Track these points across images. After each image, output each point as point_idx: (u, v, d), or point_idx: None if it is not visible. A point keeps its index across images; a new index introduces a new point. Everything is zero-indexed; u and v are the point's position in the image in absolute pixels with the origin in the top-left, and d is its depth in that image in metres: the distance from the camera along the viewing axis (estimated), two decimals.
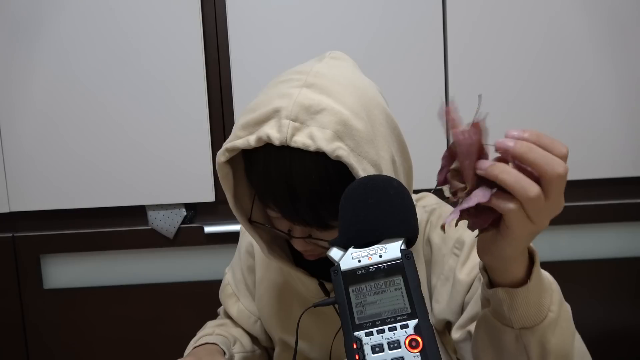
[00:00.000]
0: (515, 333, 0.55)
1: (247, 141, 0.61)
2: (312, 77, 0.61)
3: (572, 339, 0.57)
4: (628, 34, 1.30)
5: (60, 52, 1.31)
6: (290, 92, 0.60)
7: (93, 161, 1.34)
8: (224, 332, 0.87)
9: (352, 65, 0.68)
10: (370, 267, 0.48)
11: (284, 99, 0.59)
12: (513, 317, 0.54)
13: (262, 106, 0.61)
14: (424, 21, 1.30)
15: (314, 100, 0.59)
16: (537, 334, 0.54)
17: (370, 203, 0.50)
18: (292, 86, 0.61)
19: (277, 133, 0.58)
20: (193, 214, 1.41)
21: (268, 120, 0.59)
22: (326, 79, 0.61)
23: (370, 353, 0.44)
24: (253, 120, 0.61)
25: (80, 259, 1.42)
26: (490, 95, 1.32)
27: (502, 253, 0.50)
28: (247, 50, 1.31)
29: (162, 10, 1.30)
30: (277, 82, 0.64)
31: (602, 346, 1.41)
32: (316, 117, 0.58)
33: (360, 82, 0.64)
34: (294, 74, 0.63)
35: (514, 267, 0.53)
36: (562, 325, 0.55)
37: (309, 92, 0.60)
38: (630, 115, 1.33)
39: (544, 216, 0.46)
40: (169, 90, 1.32)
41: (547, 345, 0.54)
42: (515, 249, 0.49)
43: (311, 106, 0.58)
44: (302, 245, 0.66)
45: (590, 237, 1.41)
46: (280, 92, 0.61)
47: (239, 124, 0.63)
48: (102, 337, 1.43)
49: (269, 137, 0.58)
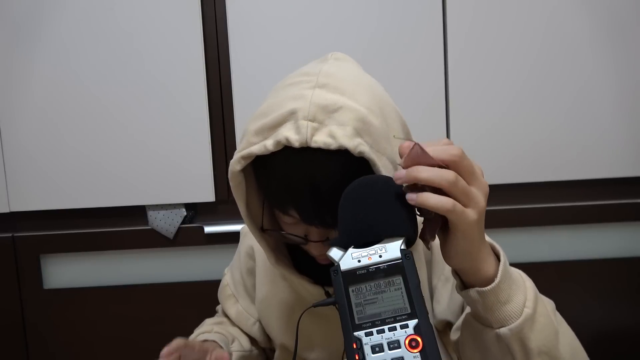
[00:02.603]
0: (495, 333, 0.56)
1: (263, 146, 0.59)
2: (323, 77, 0.61)
3: (553, 335, 0.57)
4: (628, 34, 1.30)
5: (60, 52, 1.31)
6: (303, 93, 0.59)
7: (93, 161, 1.34)
8: (222, 330, 0.87)
9: (357, 66, 0.68)
10: (370, 267, 0.48)
11: (299, 101, 0.59)
12: (490, 317, 0.55)
13: (275, 110, 0.60)
14: (423, 20, 1.30)
15: (330, 99, 0.58)
16: (515, 332, 0.54)
17: (370, 203, 0.50)
18: (304, 87, 0.60)
19: (296, 135, 0.56)
20: (193, 214, 1.41)
21: (284, 123, 0.58)
22: (337, 78, 0.61)
23: (370, 353, 0.44)
24: (267, 124, 0.59)
25: (80, 259, 1.42)
26: (490, 95, 1.32)
27: (460, 249, 0.52)
28: (247, 50, 1.31)
29: (162, 10, 1.30)
30: (285, 86, 0.63)
31: (601, 346, 1.41)
32: (334, 115, 0.57)
33: (368, 81, 0.65)
34: (301, 76, 0.63)
35: (481, 267, 0.54)
36: (540, 321, 0.56)
37: (323, 92, 0.59)
38: (630, 115, 1.33)
39: (472, 197, 0.50)
40: (169, 90, 1.32)
41: (528, 342, 0.55)
42: (469, 241, 0.51)
43: (328, 105, 0.58)
44: (319, 249, 0.65)
45: (590, 237, 1.41)
46: (293, 95, 0.60)
47: (251, 130, 0.61)
48: (102, 337, 1.43)
49: (287, 139, 0.57)
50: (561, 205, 1.37)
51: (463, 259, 0.54)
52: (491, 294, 0.54)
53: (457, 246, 0.52)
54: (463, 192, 0.49)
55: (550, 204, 1.37)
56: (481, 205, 0.51)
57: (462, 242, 0.52)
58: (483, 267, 0.54)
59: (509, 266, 0.57)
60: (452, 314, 0.71)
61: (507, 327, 0.55)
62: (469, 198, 0.49)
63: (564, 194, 1.38)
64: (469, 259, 0.54)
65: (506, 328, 0.55)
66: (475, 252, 0.53)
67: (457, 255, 0.54)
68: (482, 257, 0.54)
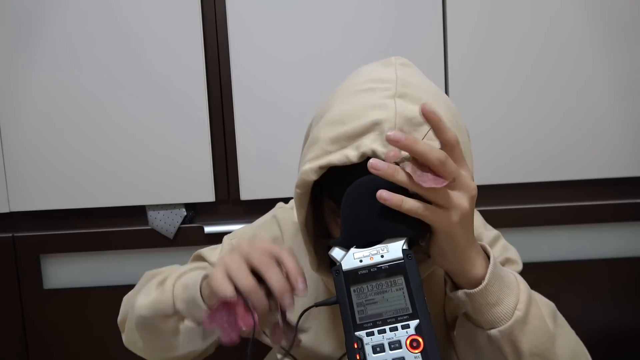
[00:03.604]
0: (486, 334, 0.56)
1: (345, 157, 0.56)
2: (401, 86, 0.59)
3: (547, 337, 0.57)
4: (628, 34, 1.30)
5: (60, 52, 1.31)
6: (384, 102, 0.57)
7: (93, 161, 1.34)
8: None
9: (422, 73, 0.66)
10: (372, 267, 0.48)
11: (382, 111, 0.56)
12: (479, 319, 0.56)
13: (354, 118, 0.57)
14: (423, 21, 1.30)
15: (414, 112, 0.56)
16: (506, 334, 0.55)
17: (372, 203, 0.50)
18: (383, 96, 0.58)
19: (383, 148, 0.54)
20: (193, 214, 1.41)
21: (367, 134, 0.56)
22: (415, 88, 0.59)
23: (371, 353, 0.44)
24: (346, 133, 0.57)
25: (80, 259, 1.42)
26: (490, 95, 1.32)
27: (444, 250, 0.53)
28: (247, 50, 1.31)
29: (162, 10, 1.30)
30: (357, 91, 0.61)
31: (602, 346, 1.41)
32: (419, 129, 0.56)
33: (440, 91, 0.63)
34: (375, 83, 0.60)
35: (469, 268, 0.55)
36: (533, 323, 0.56)
37: (404, 102, 0.57)
38: (630, 115, 1.33)
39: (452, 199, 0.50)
40: (169, 90, 1.32)
41: (519, 345, 0.55)
42: (452, 242, 0.52)
43: (414, 118, 0.56)
44: None
45: (590, 237, 1.41)
46: (371, 103, 0.58)
47: (326, 138, 0.58)
48: (102, 337, 1.42)
49: (374, 152, 0.54)
50: (561, 205, 1.37)
51: (448, 260, 0.54)
52: (479, 296, 0.54)
53: (441, 247, 0.53)
54: (442, 195, 0.49)
55: (550, 204, 1.37)
56: (464, 207, 0.51)
57: (446, 243, 0.52)
58: (471, 269, 0.54)
59: (500, 268, 0.57)
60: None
61: (497, 328, 0.55)
62: (449, 200, 0.50)
63: (564, 194, 1.38)
64: (454, 260, 0.54)
65: (496, 330, 0.55)
66: (460, 254, 0.53)
67: (442, 256, 0.54)
68: (469, 259, 0.54)
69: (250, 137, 1.33)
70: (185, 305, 0.63)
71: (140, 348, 0.77)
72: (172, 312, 0.65)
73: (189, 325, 0.65)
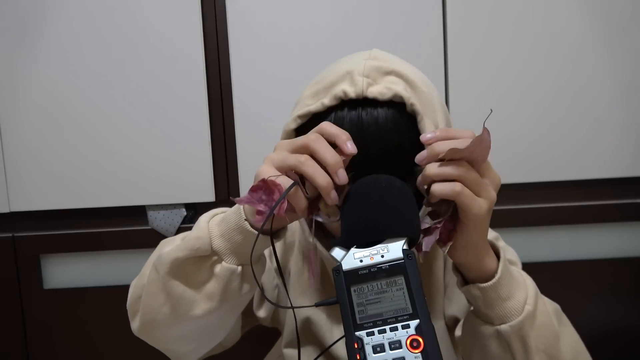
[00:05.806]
0: (495, 329, 0.56)
1: (320, 104, 0.61)
2: (374, 55, 0.67)
3: (552, 333, 0.58)
4: (628, 34, 1.30)
5: (59, 52, 1.31)
6: (357, 60, 0.64)
7: (93, 161, 1.34)
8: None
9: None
10: (372, 267, 0.48)
11: (353, 65, 0.63)
12: (490, 314, 0.56)
13: (330, 75, 0.64)
14: (423, 20, 1.30)
15: (383, 64, 0.63)
16: (516, 329, 0.55)
17: (372, 203, 0.50)
18: (357, 58, 0.65)
19: (352, 87, 0.60)
20: (193, 214, 1.41)
21: (340, 82, 0.62)
22: (387, 57, 0.67)
23: (372, 353, 0.44)
24: (322, 86, 0.63)
25: (80, 259, 1.42)
26: (490, 94, 1.32)
27: (469, 240, 0.54)
28: (247, 50, 1.31)
29: (162, 10, 1.30)
30: (337, 62, 0.68)
31: (601, 346, 1.41)
32: (387, 77, 0.61)
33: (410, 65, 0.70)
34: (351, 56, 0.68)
35: (484, 261, 0.55)
36: (540, 319, 0.57)
37: (375, 62, 0.64)
38: (630, 115, 1.33)
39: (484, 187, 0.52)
40: (169, 91, 1.32)
41: (528, 340, 0.55)
42: (479, 232, 0.53)
43: (381, 67, 0.62)
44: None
45: (589, 237, 1.41)
46: (346, 63, 0.65)
47: (306, 95, 0.65)
48: (102, 337, 1.42)
49: (344, 91, 0.60)
50: (561, 205, 1.37)
51: (469, 252, 0.55)
52: (492, 290, 0.55)
53: (466, 238, 0.54)
54: (475, 181, 0.51)
55: (550, 204, 1.37)
56: (492, 197, 0.53)
57: (473, 233, 0.53)
58: (486, 262, 0.55)
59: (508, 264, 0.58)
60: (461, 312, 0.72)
61: (507, 323, 0.55)
62: (481, 188, 0.52)
63: (564, 194, 1.38)
64: (475, 252, 0.54)
65: (507, 325, 0.55)
66: (482, 245, 0.54)
67: (465, 247, 0.54)
68: (486, 252, 0.55)
69: (250, 137, 1.33)
70: (223, 240, 0.58)
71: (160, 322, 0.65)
72: (208, 250, 0.59)
73: (226, 266, 0.59)
